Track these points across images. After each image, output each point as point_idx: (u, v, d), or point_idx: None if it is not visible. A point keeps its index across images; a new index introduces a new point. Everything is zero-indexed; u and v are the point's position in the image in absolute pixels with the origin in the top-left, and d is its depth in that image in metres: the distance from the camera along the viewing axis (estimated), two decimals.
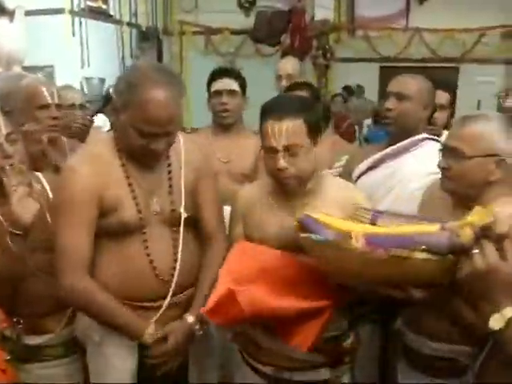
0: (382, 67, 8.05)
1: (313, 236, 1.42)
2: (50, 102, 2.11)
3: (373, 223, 1.50)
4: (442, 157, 1.66)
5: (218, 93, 2.62)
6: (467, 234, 1.23)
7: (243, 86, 2.68)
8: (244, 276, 1.64)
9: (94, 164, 1.70)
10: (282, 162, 1.66)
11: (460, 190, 1.62)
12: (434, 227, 1.34)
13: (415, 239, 1.31)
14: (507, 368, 1.18)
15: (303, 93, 2.60)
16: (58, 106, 2.16)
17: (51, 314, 1.87)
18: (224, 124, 2.65)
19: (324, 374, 1.75)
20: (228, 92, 2.61)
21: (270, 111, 1.71)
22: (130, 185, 1.71)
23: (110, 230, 1.71)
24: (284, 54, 7.09)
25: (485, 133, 1.57)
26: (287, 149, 1.66)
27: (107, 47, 7.05)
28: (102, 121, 3.80)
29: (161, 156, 1.73)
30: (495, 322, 1.14)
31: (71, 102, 2.89)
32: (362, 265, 1.34)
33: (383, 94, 2.45)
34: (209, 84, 2.69)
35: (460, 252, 1.24)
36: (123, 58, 7.39)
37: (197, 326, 1.73)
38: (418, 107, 2.25)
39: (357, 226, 1.45)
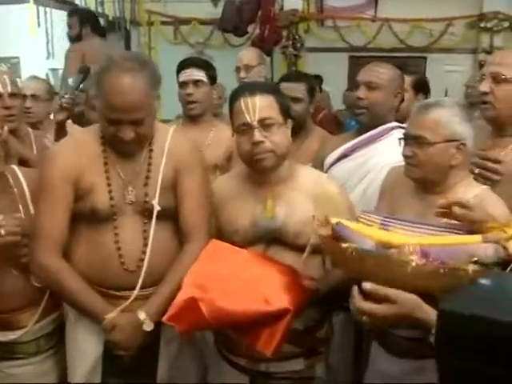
0: (351, 57, 8.08)
1: (357, 247, 1.33)
2: (1, 91, 2.07)
3: (383, 229, 1.48)
4: (405, 145, 1.70)
5: (185, 83, 2.61)
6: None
7: (211, 75, 2.66)
8: (208, 279, 1.63)
9: (75, 150, 1.76)
10: (258, 136, 1.67)
11: (425, 175, 1.68)
12: (476, 238, 1.35)
13: (467, 251, 1.31)
14: None
15: (301, 86, 2.62)
16: (13, 96, 2.11)
17: (24, 309, 1.85)
18: (192, 115, 2.63)
19: (299, 364, 1.76)
20: (193, 82, 2.59)
21: (240, 91, 1.74)
22: (106, 172, 1.73)
23: (83, 215, 1.74)
24: (253, 45, 7.07)
25: (444, 119, 1.64)
26: (262, 122, 1.68)
27: None
28: None
29: (134, 145, 1.72)
30: None
31: (33, 92, 2.84)
32: (412, 276, 1.28)
33: (352, 84, 2.46)
34: (177, 75, 2.66)
35: (506, 264, 1.26)
36: None
37: (147, 322, 1.71)
38: (389, 96, 2.27)
39: (397, 236, 1.41)
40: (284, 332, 1.55)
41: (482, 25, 7.23)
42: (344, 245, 1.34)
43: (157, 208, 1.74)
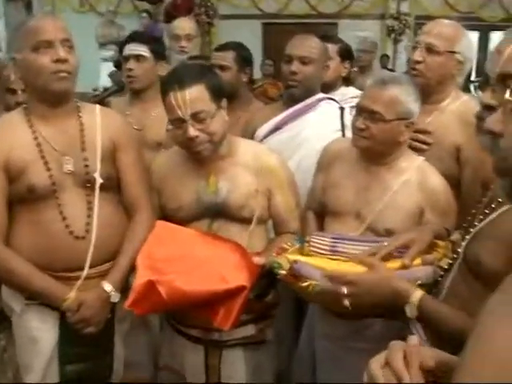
0: (264, 24, 8.13)
1: (318, 286, 1.46)
2: None
3: (333, 251, 1.60)
4: (358, 117, 1.73)
5: (126, 58, 2.56)
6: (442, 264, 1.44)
7: (156, 50, 2.60)
8: (162, 262, 1.66)
9: (0, 132, 1.70)
10: (192, 131, 1.67)
11: (373, 147, 1.74)
12: (417, 261, 1.48)
13: (411, 274, 1.44)
14: None
15: (229, 54, 2.61)
16: None
17: None
18: (132, 90, 2.60)
19: (250, 329, 1.84)
20: (135, 57, 2.54)
21: (169, 83, 1.71)
22: (38, 145, 1.69)
23: (21, 197, 1.70)
24: (167, 12, 6.92)
25: (400, 97, 1.69)
26: (195, 116, 1.67)
27: None
28: None
29: (68, 76, 1.67)
30: (411, 312, 1.33)
31: None
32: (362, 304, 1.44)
33: (266, 51, 2.50)
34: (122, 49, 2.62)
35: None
36: None
37: (113, 294, 1.73)
38: (320, 69, 2.34)
39: (348, 265, 1.53)
40: (240, 308, 1.62)
41: None
42: (304, 283, 1.47)
43: (99, 181, 1.73)
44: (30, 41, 1.64)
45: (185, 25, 3.21)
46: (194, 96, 1.66)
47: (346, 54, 2.77)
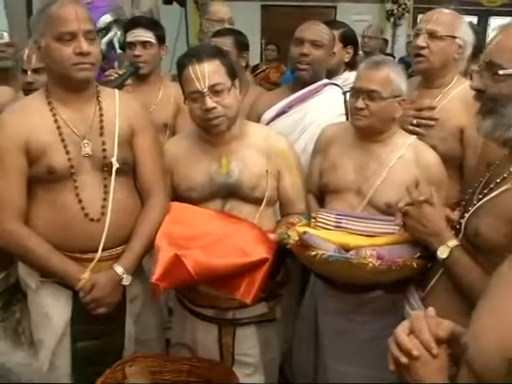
0: (263, 6, 8.08)
1: (324, 254, 1.59)
2: None
3: (337, 226, 1.74)
4: (357, 98, 1.84)
5: (132, 44, 2.59)
6: None
7: (160, 35, 2.66)
8: (183, 239, 1.72)
9: (22, 113, 1.75)
10: (210, 102, 1.76)
11: (372, 125, 1.86)
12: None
13: (411, 248, 1.60)
14: (453, 294, 1.45)
15: (228, 39, 2.66)
16: None
17: None
18: (140, 74, 2.62)
19: (262, 307, 1.91)
20: (141, 43, 2.58)
21: (188, 58, 1.79)
22: (58, 128, 1.73)
23: (40, 178, 1.74)
24: None
25: (393, 76, 1.83)
26: (212, 89, 1.76)
27: None
28: None
29: (89, 66, 1.71)
30: (442, 253, 1.46)
31: None
32: (369, 274, 1.58)
33: (265, 33, 2.53)
34: (125, 34, 2.65)
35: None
36: None
37: (125, 276, 1.78)
38: (328, 54, 2.40)
39: (352, 237, 1.70)
40: (262, 280, 1.69)
41: None
42: (312, 252, 1.60)
43: (116, 165, 1.77)
44: (53, 30, 1.66)
45: (227, 9, 3.39)
46: (212, 69, 1.76)
47: (348, 39, 2.79)
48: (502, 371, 0.78)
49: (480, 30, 8.08)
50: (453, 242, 1.46)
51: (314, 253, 1.60)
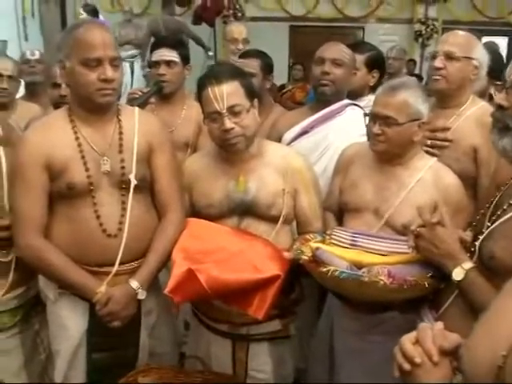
0: (291, 26, 8.18)
1: (336, 271, 1.60)
2: None
3: (353, 244, 1.76)
4: (374, 123, 1.85)
5: (157, 63, 2.66)
6: None
7: (184, 55, 2.72)
8: (199, 254, 1.75)
9: (44, 130, 1.80)
10: (229, 123, 1.78)
11: (390, 149, 1.86)
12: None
13: (424, 267, 1.59)
14: (467, 316, 1.43)
15: (255, 61, 2.71)
16: None
17: None
18: (164, 93, 2.68)
19: (276, 324, 1.92)
20: (165, 63, 2.65)
21: (208, 78, 1.82)
22: (79, 145, 1.77)
23: (61, 194, 1.78)
24: (196, 14, 7.01)
25: (410, 100, 1.82)
26: (231, 110, 1.78)
27: (4, 6, 6.57)
28: None
29: (112, 92, 1.75)
30: (457, 275, 1.45)
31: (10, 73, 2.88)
32: (380, 292, 1.58)
33: (293, 53, 2.55)
34: (151, 53, 2.73)
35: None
36: (24, 18, 6.94)
37: (140, 291, 1.81)
38: (349, 74, 2.42)
39: (366, 255, 1.70)
40: (274, 297, 1.70)
41: None
42: (324, 269, 1.62)
43: (134, 182, 1.81)
44: (80, 54, 1.70)
45: (242, 29, 3.48)
46: (230, 90, 1.78)
47: (374, 63, 2.77)
48: (490, 378, 0.79)
49: (510, 51, 8.06)
50: (468, 265, 1.45)
51: (325, 269, 1.61)
